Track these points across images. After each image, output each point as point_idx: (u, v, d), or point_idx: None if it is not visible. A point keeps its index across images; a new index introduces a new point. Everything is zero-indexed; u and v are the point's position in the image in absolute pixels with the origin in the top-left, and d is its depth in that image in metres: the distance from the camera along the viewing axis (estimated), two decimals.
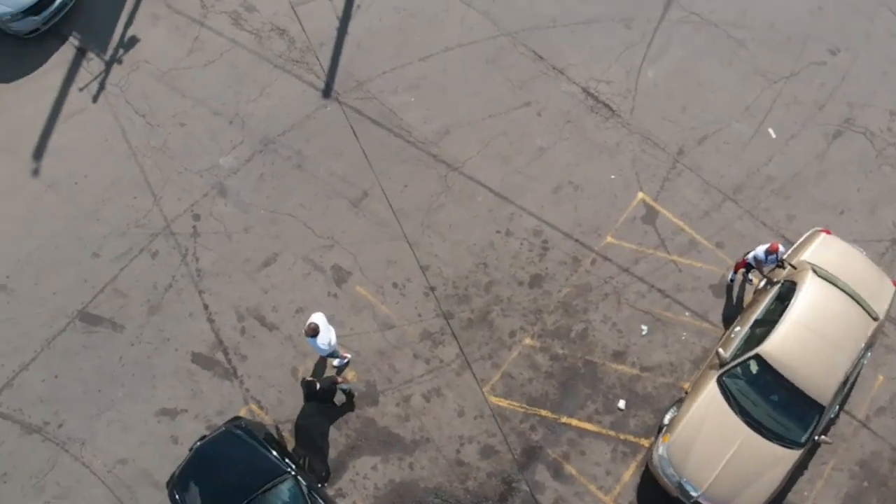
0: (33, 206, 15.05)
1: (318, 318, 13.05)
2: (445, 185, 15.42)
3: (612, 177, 15.57)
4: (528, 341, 14.48)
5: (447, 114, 15.95)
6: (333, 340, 13.24)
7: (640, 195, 15.46)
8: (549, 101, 16.12)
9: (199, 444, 13.01)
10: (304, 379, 12.77)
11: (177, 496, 12.55)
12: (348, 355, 14.16)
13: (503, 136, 15.81)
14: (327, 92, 16.00)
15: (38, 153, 15.50)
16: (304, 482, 12.48)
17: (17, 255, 14.67)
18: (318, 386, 12.77)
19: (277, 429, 13.74)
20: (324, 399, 13.06)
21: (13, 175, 15.30)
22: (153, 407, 13.83)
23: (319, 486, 12.81)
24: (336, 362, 14.11)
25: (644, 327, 14.52)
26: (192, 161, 15.42)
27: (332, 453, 13.73)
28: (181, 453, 13.35)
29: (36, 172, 15.32)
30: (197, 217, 15.01)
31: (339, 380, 13.31)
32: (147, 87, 15.97)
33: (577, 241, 15.14)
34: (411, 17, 16.67)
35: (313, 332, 12.70)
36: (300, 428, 13.83)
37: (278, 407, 13.87)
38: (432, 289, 14.73)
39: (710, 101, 16.23)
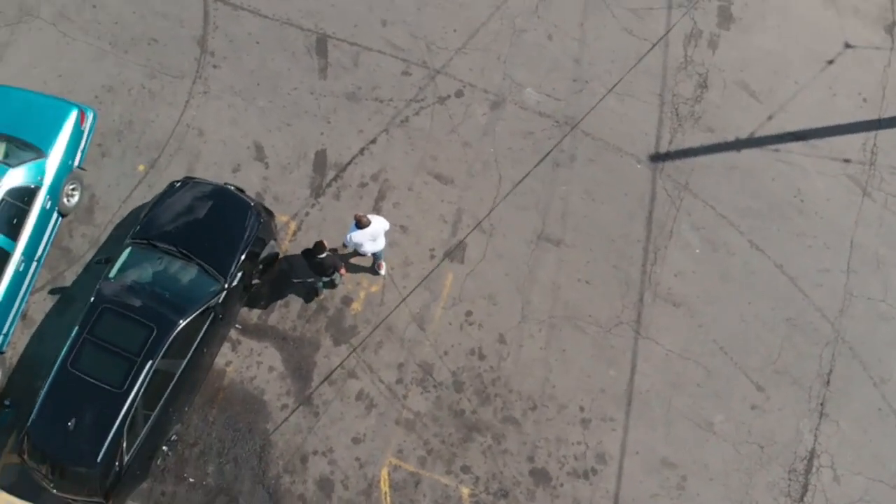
0: None
1: (380, 222, 11.74)
2: (611, 326, 12.61)
3: None
4: (465, 491, 11.84)
5: (697, 296, 12.76)
6: (362, 249, 11.85)
7: None
8: (775, 413, 12.20)
9: (228, 186, 12.62)
10: (322, 241, 11.56)
11: (173, 186, 12.48)
12: (368, 255, 12.30)
13: (705, 372, 12.40)
14: (658, 158, 13.59)
15: None
16: (219, 303, 11.72)
17: None
18: (325, 253, 11.55)
19: (278, 255, 12.88)
20: (313, 267, 11.86)
21: None
22: (262, 136, 13.59)
23: (222, 316, 11.84)
24: (348, 249, 12.17)
25: None
26: (518, 65, 14.11)
27: (272, 318, 12.63)
28: (221, 179, 13.09)
29: None
30: (460, 93, 13.91)
31: (342, 271, 12.10)
32: None
33: None
34: (787, 220, 13.21)
35: (360, 224, 11.40)
36: (284, 273, 12.86)
37: (305, 240, 12.87)
38: (481, 358, 12.46)
39: None
